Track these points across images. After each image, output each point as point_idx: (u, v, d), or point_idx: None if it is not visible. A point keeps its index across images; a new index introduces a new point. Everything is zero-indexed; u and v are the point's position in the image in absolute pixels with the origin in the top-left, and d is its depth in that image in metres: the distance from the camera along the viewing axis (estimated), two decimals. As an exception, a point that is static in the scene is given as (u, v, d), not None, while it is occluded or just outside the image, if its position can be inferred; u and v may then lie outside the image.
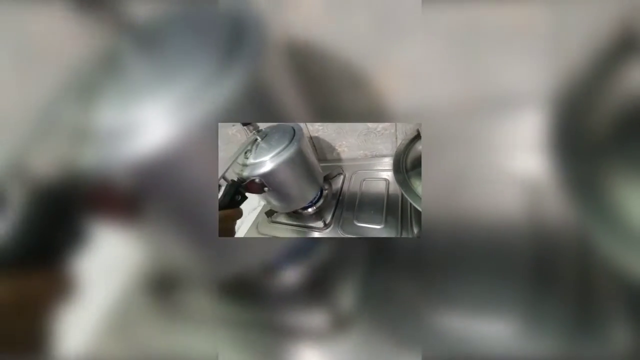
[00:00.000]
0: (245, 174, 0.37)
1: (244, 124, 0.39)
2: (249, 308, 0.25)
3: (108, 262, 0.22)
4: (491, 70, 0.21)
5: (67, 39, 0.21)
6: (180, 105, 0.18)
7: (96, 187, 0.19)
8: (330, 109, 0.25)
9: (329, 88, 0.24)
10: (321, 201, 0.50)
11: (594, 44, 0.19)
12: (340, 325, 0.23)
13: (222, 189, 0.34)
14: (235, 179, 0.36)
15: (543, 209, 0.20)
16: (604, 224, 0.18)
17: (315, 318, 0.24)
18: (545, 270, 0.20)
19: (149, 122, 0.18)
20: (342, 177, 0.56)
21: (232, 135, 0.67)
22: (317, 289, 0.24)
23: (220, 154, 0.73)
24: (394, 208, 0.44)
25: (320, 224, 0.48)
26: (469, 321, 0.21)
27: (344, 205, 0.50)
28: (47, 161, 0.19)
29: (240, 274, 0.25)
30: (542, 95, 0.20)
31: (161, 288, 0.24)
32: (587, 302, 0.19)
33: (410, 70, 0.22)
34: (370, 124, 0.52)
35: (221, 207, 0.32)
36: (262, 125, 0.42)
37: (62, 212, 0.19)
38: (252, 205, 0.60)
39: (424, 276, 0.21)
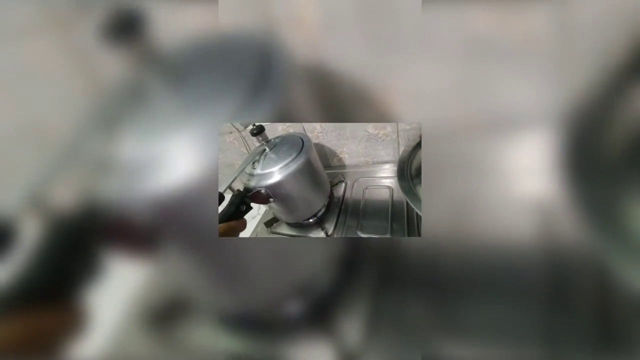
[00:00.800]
0: (252, 184, 0.35)
1: (253, 134, 0.37)
2: (252, 341, 0.23)
3: (116, 293, 0.20)
4: (497, 89, 0.21)
5: (94, 69, 0.20)
6: (205, 140, 0.18)
7: (114, 220, 0.18)
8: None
9: (342, 108, 0.23)
10: (322, 210, 0.49)
11: (605, 61, 0.19)
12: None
13: (228, 198, 0.33)
14: (242, 189, 0.35)
15: (556, 232, 0.20)
16: (620, 246, 0.18)
17: (320, 353, 0.23)
18: (560, 295, 0.20)
19: (172, 157, 0.18)
20: (343, 184, 0.56)
21: (230, 142, 0.64)
22: (322, 320, 0.23)
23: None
24: (400, 217, 0.44)
25: (322, 234, 0.46)
26: (482, 350, 0.20)
27: (347, 214, 0.49)
28: (67, 192, 0.18)
29: (244, 305, 0.24)
30: (551, 115, 0.20)
31: (165, 320, 0.22)
32: (605, 327, 0.19)
33: (412, 90, 0.22)
34: (371, 130, 0.52)
35: (226, 217, 0.31)
36: (271, 136, 0.41)
37: (79, 245, 0.19)
38: (252, 213, 0.58)
39: (434, 304, 0.20)
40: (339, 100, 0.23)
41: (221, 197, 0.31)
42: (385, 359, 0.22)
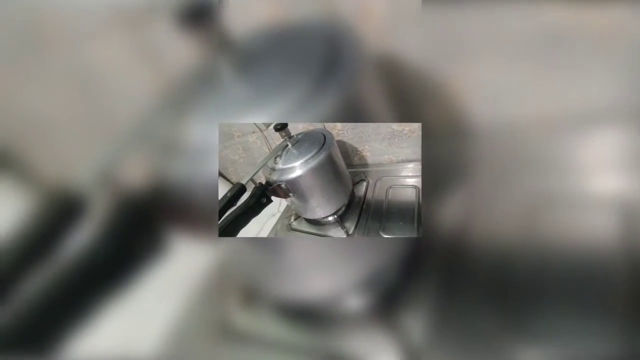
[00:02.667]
0: (274, 178, 0.36)
1: (276, 130, 0.38)
2: (311, 334, 0.23)
3: (178, 274, 0.21)
4: (573, 83, 0.19)
5: (169, 53, 0.21)
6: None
7: (180, 201, 0.19)
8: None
9: (412, 102, 0.22)
10: (343, 209, 0.47)
11: None
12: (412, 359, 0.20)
13: (250, 190, 0.33)
14: (263, 182, 0.35)
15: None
16: None
17: (383, 348, 0.21)
18: None
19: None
20: (365, 183, 0.53)
21: (253, 142, 0.66)
22: (385, 317, 0.22)
23: (240, 160, 0.71)
24: (427, 219, 0.41)
25: (342, 233, 0.45)
26: (553, 352, 0.18)
27: (369, 214, 0.47)
28: (136, 172, 0.19)
29: (306, 297, 0.23)
30: (633, 109, 0.18)
31: (225, 306, 0.23)
32: None
33: (485, 83, 0.20)
34: (395, 127, 0.50)
35: (247, 208, 0.31)
36: (293, 131, 0.41)
37: (145, 222, 0.19)
38: (272, 211, 0.58)
39: (506, 307, 0.19)
40: (407, 96, 0.22)
41: (243, 189, 0.31)
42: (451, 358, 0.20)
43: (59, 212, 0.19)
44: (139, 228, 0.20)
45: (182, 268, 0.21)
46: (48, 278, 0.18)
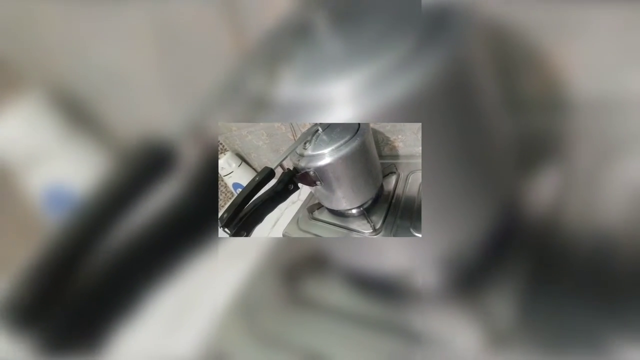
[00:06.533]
0: (302, 164, 0.34)
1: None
2: (382, 306, 0.22)
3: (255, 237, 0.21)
4: None
5: (265, 7, 0.19)
6: (370, 86, 0.16)
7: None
8: (512, 98, 0.20)
9: (514, 72, 0.19)
10: (369, 202, 0.44)
11: None
12: (495, 343, 0.19)
13: (278, 176, 0.32)
14: (292, 168, 0.34)
15: None
16: None
17: (463, 331, 0.20)
18: None
19: (334, 100, 0.17)
20: (395, 177, 0.49)
21: (277, 128, 0.64)
22: (469, 295, 0.20)
23: (264, 146, 0.69)
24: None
25: (368, 228, 0.42)
26: None
27: (399, 210, 0.43)
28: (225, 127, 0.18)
29: (379, 269, 0.22)
30: None
31: (297, 274, 0.23)
32: None
33: (591, 54, 0.17)
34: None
35: (274, 194, 0.30)
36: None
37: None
38: (292, 198, 0.57)
39: (605, 300, 0.16)
40: (512, 64, 0.19)
41: (272, 174, 0.30)
42: (539, 344, 0.18)
43: (144, 166, 0.19)
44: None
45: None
46: (132, 234, 0.19)
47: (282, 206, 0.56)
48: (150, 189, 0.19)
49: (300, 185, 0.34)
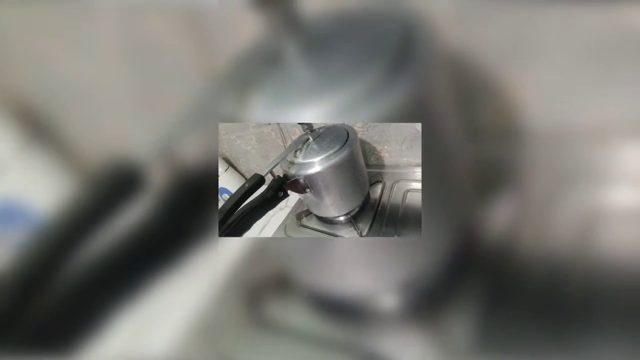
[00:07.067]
0: (292, 172, 0.34)
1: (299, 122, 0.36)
2: (343, 328, 0.22)
3: (223, 256, 0.21)
4: (633, 94, 0.17)
5: (235, 32, 0.20)
6: (338, 114, 0.17)
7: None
8: (471, 125, 0.22)
9: (472, 101, 0.21)
10: (356, 210, 0.46)
11: None
12: None
13: (268, 183, 0.32)
14: (282, 175, 0.34)
15: None
16: None
17: (421, 351, 0.20)
18: None
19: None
20: (380, 185, 0.52)
21: (267, 134, 0.64)
22: (426, 315, 0.21)
23: (252, 151, 0.69)
24: (447, 228, 0.39)
25: (354, 234, 0.43)
26: None
27: (384, 217, 0.45)
28: (195, 150, 0.18)
29: (339, 290, 0.22)
30: None
31: (256, 294, 0.22)
32: None
33: (545, 85, 0.19)
34: (419, 127, 0.48)
35: (264, 201, 0.31)
36: (316, 125, 0.40)
37: (198, 200, 0.19)
38: (280, 205, 0.57)
39: (555, 321, 0.18)
40: (470, 93, 0.21)
41: (262, 181, 0.30)
42: None
43: (112, 186, 0.19)
44: (191, 206, 0.20)
45: (222, 254, 0.21)
46: (99, 254, 0.18)
47: (269, 213, 0.56)
48: (114, 209, 0.18)
49: (289, 192, 0.34)
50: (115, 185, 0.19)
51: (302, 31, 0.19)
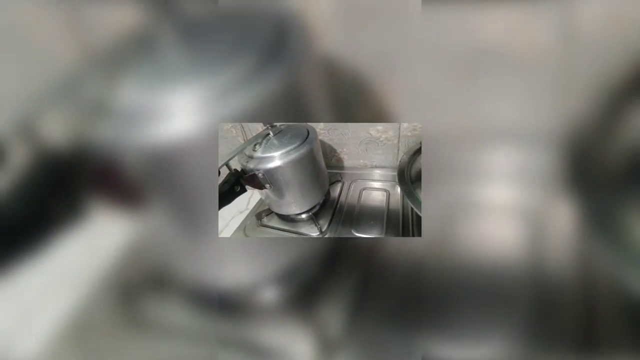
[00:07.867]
0: (250, 166, 0.33)
1: None
2: (225, 324, 0.22)
3: (93, 245, 0.19)
4: (496, 99, 0.21)
5: (110, 14, 0.19)
6: (211, 99, 0.17)
7: (104, 165, 0.17)
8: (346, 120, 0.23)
9: (345, 99, 0.23)
10: (317, 207, 0.47)
11: (606, 77, 0.19)
12: (327, 350, 0.21)
13: (223, 176, 0.31)
14: (239, 169, 0.33)
15: (546, 244, 0.20)
16: (619, 259, 0.18)
17: (299, 341, 0.21)
18: (545, 305, 0.19)
19: (174, 111, 0.17)
20: (340, 184, 0.55)
21: (227, 130, 0.61)
22: (303, 309, 0.22)
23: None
24: (395, 220, 0.44)
25: (315, 231, 0.44)
26: (462, 351, 0.20)
27: (343, 213, 0.47)
28: (59, 129, 0.17)
29: (220, 285, 0.22)
30: (551, 128, 0.20)
31: (133, 291, 0.19)
32: (593, 337, 0.19)
33: (412, 90, 0.22)
34: (373, 133, 0.53)
35: (219, 195, 0.29)
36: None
37: (64, 183, 0.18)
38: (240, 207, 0.54)
39: (419, 304, 0.20)
40: (343, 93, 0.22)
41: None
42: (365, 352, 0.20)
43: None
44: (56, 189, 0.18)
45: (95, 243, 0.19)
46: None
47: (227, 216, 0.53)
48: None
49: (247, 188, 0.33)
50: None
51: (177, 18, 0.20)
